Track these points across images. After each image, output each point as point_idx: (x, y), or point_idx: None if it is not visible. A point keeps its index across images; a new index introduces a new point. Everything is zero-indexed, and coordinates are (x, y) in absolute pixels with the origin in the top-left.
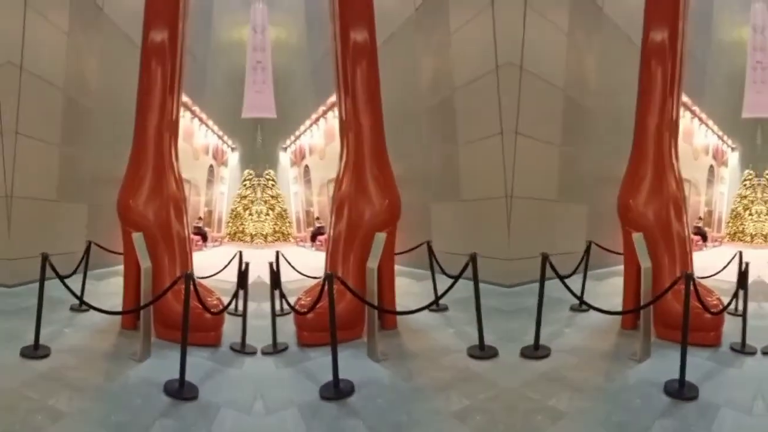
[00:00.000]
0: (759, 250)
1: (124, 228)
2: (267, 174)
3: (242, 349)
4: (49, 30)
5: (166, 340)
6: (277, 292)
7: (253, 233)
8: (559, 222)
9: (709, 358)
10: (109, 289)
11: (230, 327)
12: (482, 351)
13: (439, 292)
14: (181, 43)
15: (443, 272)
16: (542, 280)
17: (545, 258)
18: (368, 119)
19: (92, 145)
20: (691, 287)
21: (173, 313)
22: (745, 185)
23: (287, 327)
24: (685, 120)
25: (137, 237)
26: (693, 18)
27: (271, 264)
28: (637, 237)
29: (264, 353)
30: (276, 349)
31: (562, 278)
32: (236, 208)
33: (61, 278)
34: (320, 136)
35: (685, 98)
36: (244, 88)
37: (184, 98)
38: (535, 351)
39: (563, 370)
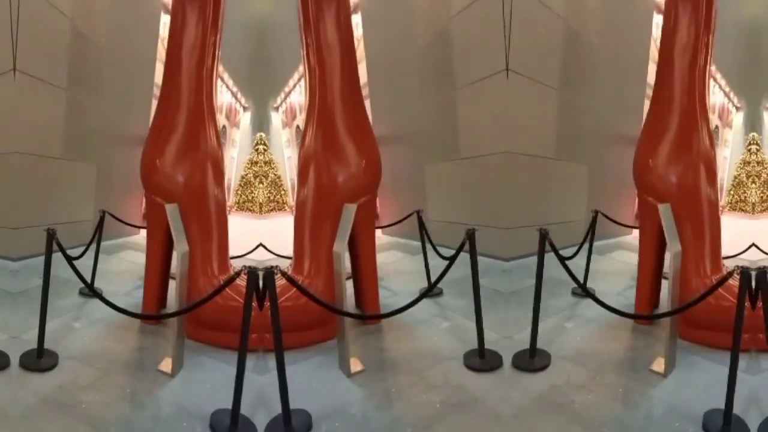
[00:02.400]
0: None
1: (150, 196)
2: (259, 137)
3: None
4: None
5: (195, 340)
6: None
7: (262, 202)
8: (557, 184)
9: (750, 369)
10: (122, 267)
11: None
12: (482, 360)
13: (434, 269)
14: None
15: (436, 251)
16: (540, 268)
17: (543, 236)
18: (337, 58)
19: (103, 93)
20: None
21: (210, 309)
22: (749, 150)
23: None
24: None
25: (172, 210)
26: None
27: None
28: (664, 210)
29: None
30: None
31: (563, 260)
32: (246, 174)
33: (70, 260)
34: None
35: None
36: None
37: None
38: (532, 359)
39: (568, 391)
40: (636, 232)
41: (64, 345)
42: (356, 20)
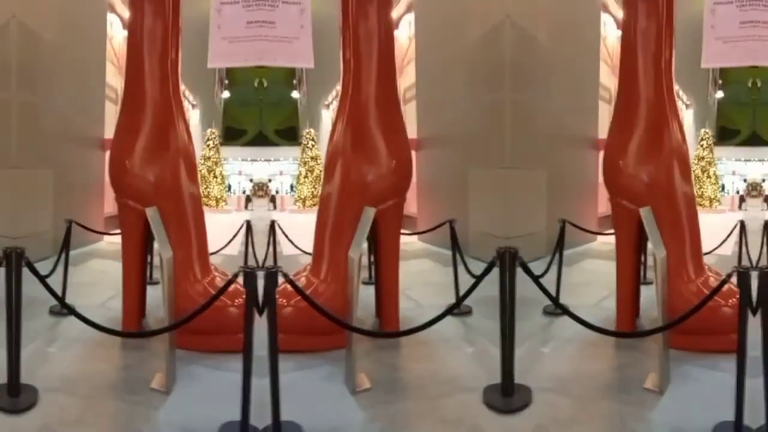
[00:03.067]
0: (716, 215)
1: (121, 200)
2: (307, 133)
3: None
4: None
5: (185, 349)
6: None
7: (218, 197)
8: (514, 193)
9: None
10: (91, 277)
11: None
12: (506, 397)
13: (467, 285)
14: None
15: (465, 266)
16: (511, 293)
17: (512, 256)
18: (374, 53)
19: (56, 94)
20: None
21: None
22: (701, 146)
23: None
24: None
25: (152, 214)
26: None
27: None
28: (646, 213)
29: None
30: None
31: (535, 278)
32: (200, 170)
33: (42, 278)
34: None
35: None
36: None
37: None
38: (508, 397)
39: (557, 430)
40: (601, 239)
41: (42, 375)
42: (409, 19)
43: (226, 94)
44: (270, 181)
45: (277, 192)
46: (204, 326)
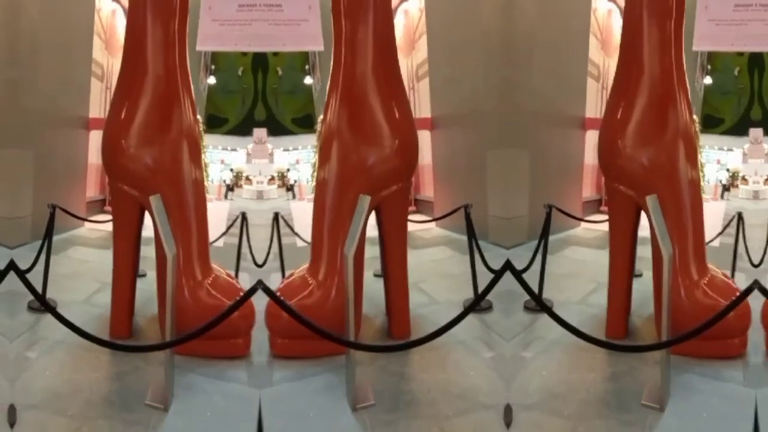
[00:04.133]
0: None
1: (115, 185)
2: (322, 120)
3: None
4: None
5: (179, 354)
6: None
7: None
8: (493, 175)
9: (750, 381)
10: (72, 267)
11: None
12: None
13: (486, 276)
14: None
15: (482, 258)
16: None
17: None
18: (370, 18)
19: (39, 69)
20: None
21: (195, 316)
22: None
23: None
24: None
25: (156, 203)
26: None
27: None
28: (652, 201)
29: None
30: None
31: (518, 273)
32: None
33: (21, 273)
34: None
35: None
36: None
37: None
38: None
39: None
40: (585, 225)
41: (21, 388)
42: None
43: (211, 80)
44: (288, 170)
45: (295, 181)
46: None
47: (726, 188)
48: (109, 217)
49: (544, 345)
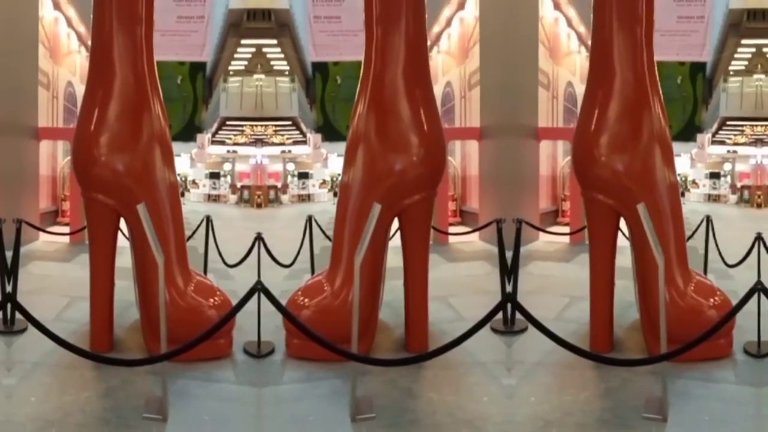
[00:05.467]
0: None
1: (89, 195)
2: None
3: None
4: None
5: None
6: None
7: None
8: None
9: (741, 379)
10: (35, 284)
11: None
12: None
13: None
14: None
15: (504, 279)
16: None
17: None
18: (402, 22)
19: None
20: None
21: (184, 324)
22: None
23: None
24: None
25: (143, 211)
26: None
27: None
28: (642, 210)
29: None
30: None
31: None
32: None
33: None
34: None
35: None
36: None
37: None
38: None
39: None
40: (544, 237)
41: (4, 419)
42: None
43: None
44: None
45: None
46: (183, 334)
47: (681, 194)
48: (67, 229)
49: (527, 369)
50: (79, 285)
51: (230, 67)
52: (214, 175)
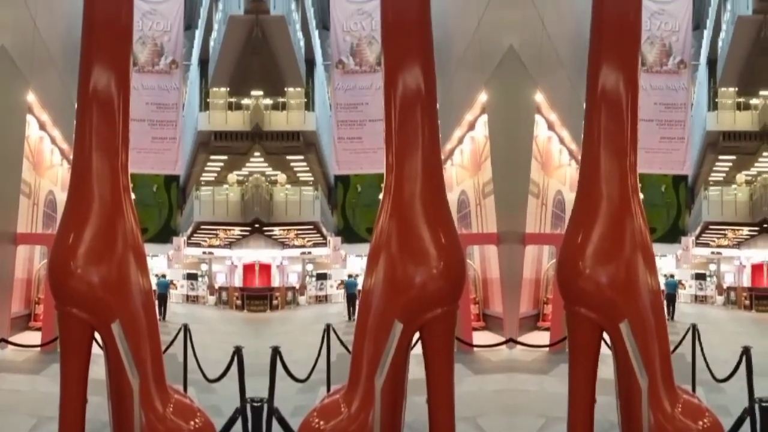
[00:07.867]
0: None
1: (63, 309)
2: None
3: None
4: None
5: None
6: None
7: None
8: None
9: None
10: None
11: None
12: None
13: None
14: None
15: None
16: None
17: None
18: (419, 153)
19: None
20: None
21: None
22: None
23: None
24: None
25: (118, 330)
26: None
27: None
28: (626, 328)
29: None
30: None
31: None
32: None
33: None
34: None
35: (553, 117)
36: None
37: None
38: None
39: None
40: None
41: None
42: (483, 120)
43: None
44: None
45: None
46: None
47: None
48: (38, 334)
49: None
50: (48, 403)
51: (201, 178)
52: (192, 276)
